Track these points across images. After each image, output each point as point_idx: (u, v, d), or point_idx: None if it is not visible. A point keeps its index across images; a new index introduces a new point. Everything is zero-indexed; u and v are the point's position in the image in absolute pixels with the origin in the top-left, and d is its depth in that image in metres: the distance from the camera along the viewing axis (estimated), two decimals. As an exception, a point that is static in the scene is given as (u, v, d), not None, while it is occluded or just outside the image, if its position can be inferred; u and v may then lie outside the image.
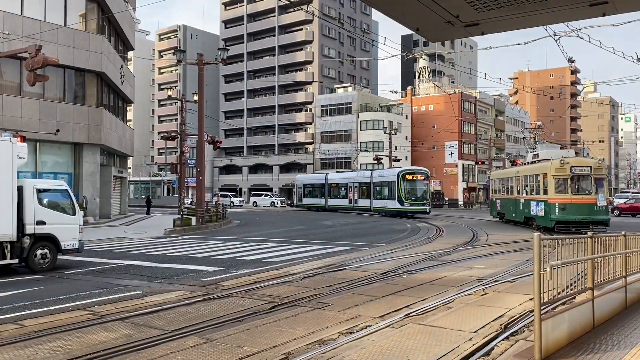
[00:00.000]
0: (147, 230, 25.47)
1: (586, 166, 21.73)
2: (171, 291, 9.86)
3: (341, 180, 46.59)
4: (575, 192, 21.53)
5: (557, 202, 21.56)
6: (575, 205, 21.24)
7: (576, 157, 23.84)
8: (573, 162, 21.91)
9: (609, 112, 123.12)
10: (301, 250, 16.82)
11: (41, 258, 12.48)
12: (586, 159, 23.48)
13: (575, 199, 21.31)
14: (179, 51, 29.77)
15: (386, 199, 39.09)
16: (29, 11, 26.03)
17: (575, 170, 21.52)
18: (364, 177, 43.16)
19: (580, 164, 22.06)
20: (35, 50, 14.23)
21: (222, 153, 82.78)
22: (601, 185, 22.06)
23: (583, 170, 21.54)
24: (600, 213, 21.51)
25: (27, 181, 13.01)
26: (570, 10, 3.20)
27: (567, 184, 21.58)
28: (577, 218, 21.25)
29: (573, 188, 21.56)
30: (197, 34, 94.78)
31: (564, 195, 21.59)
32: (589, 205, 21.26)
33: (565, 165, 21.59)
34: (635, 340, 5.96)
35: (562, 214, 21.41)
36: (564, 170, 21.60)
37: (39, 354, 6.03)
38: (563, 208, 21.32)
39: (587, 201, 21.30)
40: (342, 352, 5.99)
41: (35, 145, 25.86)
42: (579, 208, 21.20)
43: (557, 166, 21.75)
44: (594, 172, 21.55)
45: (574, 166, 21.62)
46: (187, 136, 31.65)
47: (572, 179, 21.57)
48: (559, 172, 21.72)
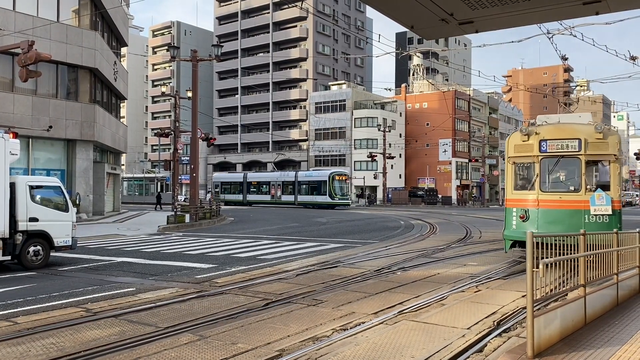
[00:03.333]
0: (141, 227, 25.40)
1: (571, 139, 11.80)
2: (165, 288, 9.84)
3: (262, 178, 55.32)
4: (548, 187, 12.11)
5: (513, 207, 12.35)
6: (548, 212, 11.87)
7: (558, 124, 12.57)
8: (546, 132, 12.02)
9: (602, 110, 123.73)
10: (295, 247, 16.82)
11: (34, 255, 12.42)
12: (571, 126, 12.24)
13: (548, 201, 11.90)
14: (172, 47, 29.64)
15: (316, 195, 48.10)
16: (21, 6, 25.83)
17: (549, 148, 11.90)
18: (288, 177, 52.06)
19: (559, 134, 11.97)
20: (28, 46, 14.12)
21: (216, 150, 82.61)
22: (604, 175, 12.19)
23: (564, 147, 11.81)
24: (597, 228, 11.15)
25: (20, 178, 12.92)
26: (564, 9, 3.22)
27: (532, 174, 12.28)
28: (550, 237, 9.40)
29: (545, 180, 12.13)
30: (191, 31, 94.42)
31: (526, 193, 12.23)
32: (573, 212, 11.65)
33: (532, 137, 12.02)
34: (626, 337, 6.01)
35: (522, 227, 11.85)
36: (528, 149, 12.11)
37: (32, 351, 6.01)
38: (524, 217, 12.03)
39: (571, 204, 11.74)
40: (336, 348, 6.01)
41: (27, 142, 25.72)
42: (554, 218, 11.82)
43: (518, 141, 12.28)
44: (587, 149, 11.61)
45: (548, 139, 11.90)
46: (180, 133, 31.58)
47: (544, 164, 12.04)
48: (520, 152, 12.30)
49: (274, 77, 79.27)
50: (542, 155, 11.99)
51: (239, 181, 56.27)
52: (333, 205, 46.81)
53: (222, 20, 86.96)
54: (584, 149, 11.58)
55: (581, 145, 11.62)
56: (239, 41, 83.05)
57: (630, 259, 8.70)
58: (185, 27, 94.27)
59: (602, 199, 11.43)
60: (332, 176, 47.20)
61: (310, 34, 76.99)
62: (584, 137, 11.61)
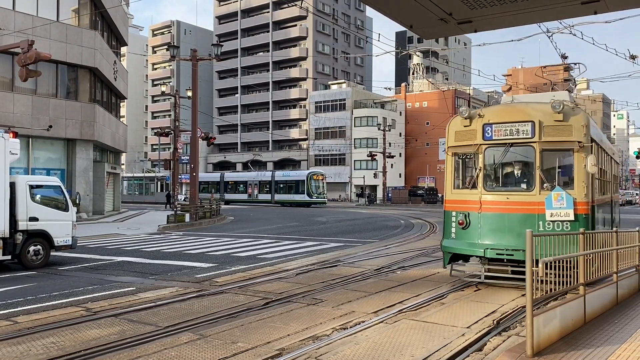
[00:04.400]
0: (141, 226, 25.40)
1: (522, 122, 9.20)
2: (165, 287, 9.85)
3: (239, 178, 57.93)
4: (494, 185, 9.66)
5: (453, 210, 9.89)
6: (492, 218, 9.37)
7: (508, 103, 10.29)
8: (491, 115, 9.57)
9: (602, 109, 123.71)
10: (295, 246, 16.83)
11: (34, 254, 12.43)
12: (523, 106, 9.75)
13: (492, 203, 9.37)
14: (172, 47, 29.64)
15: (294, 194, 49.98)
16: (21, 6, 25.82)
17: (494, 134, 9.41)
18: (264, 177, 54.20)
19: (508, 116, 9.43)
20: (28, 45, 14.12)
21: (215, 149, 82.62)
22: (565, 169, 9.35)
23: (513, 133, 9.27)
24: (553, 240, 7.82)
25: (20, 177, 12.93)
26: (562, 8, 3.23)
27: (474, 168, 9.79)
28: (493, 250, 9.20)
29: (489, 176, 9.72)
30: (190, 30, 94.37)
31: (468, 193, 9.69)
32: (524, 218, 9.08)
33: (475, 121, 9.60)
34: (625, 336, 6.02)
35: (462, 237, 9.63)
36: (469, 136, 9.66)
37: (32, 350, 6.02)
38: (463, 224, 9.54)
39: (522, 207, 9.19)
40: (336, 347, 6.02)
41: (27, 141, 25.71)
42: (498, 225, 9.30)
43: (459, 127, 9.86)
44: (543, 134, 9.04)
45: (494, 123, 9.42)
46: (180, 132, 31.58)
47: (488, 155, 9.60)
48: (461, 141, 9.85)
49: (274, 77, 79.24)
50: (486, 143, 9.38)
51: (216, 181, 58.13)
52: (310, 203, 48.70)
53: (221, 20, 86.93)
54: (539, 134, 8.92)
55: (535, 130, 8.94)
56: (238, 40, 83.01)
57: (629, 258, 8.72)
58: (185, 26, 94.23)
59: (562, 200, 8.60)
60: (310, 176, 49.45)
61: (310, 33, 76.97)
62: (538, 119, 8.93)
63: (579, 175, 8.95)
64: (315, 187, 49.35)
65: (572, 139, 8.92)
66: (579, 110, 9.13)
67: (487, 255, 9.17)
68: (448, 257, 10.02)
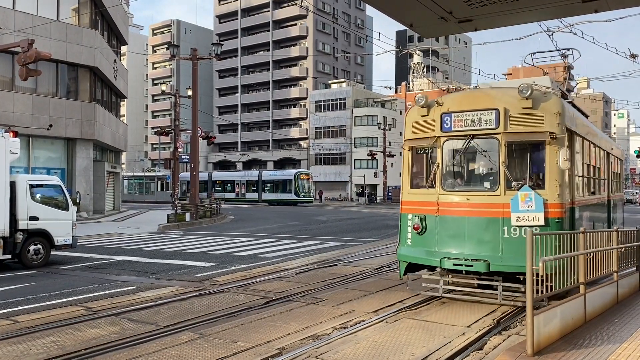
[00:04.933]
0: (141, 225, 25.40)
1: (485, 110, 7.99)
2: (165, 287, 9.85)
3: (227, 178, 59.25)
4: (453, 184, 8.58)
5: (409, 213, 8.71)
6: (450, 222, 8.17)
7: (470, 90, 10.17)
8: (451, 102, 8.45)
9: (602, 108, 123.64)
10: (295, 245, 16.83)
11: (34, 254, 12.44)
12: (487, 92, 8.52)
13: (451, 205, 8.20)
14: (172, 46, 29.61)
15: (281, 192, 51.31)
16: (21, 5, 25.81)
17: (454, 124, 8.24)
18: (251, 176, 55.66)
19: (469, 104, 8.24)
20: (28, 44, 14.11)
21: (216, 149, 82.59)
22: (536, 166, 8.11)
23: (474, 123, 8.07)
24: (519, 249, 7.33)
25: (20, 176, 12.93)
26: (563, 7, 3.22)
27: (432, 163, 8.61)
28: (450, 260, 7.90)
29: (449, 173, 8.61)
30: (190, 29, 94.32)
31: (425, 193, 8.58)
32: (487, 223, 7.88)
33: (433, 110, 8.50)
34: (626, 335, 6.02)
35: (418, 244, 8.50)
36: (427, 127, 8.54)
37: (33, 349, 6.02)
38: (419, 229, 8.39)
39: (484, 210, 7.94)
40: (336, 346, 6.02)
41: (27, 141, 25.71)
42: (457, 230, 8.08)
43: (416, 117, 8.76)
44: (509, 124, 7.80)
45: (453, 112, 8.27)
46: (181, 131, 31.52)
47: (447, 149, 8.47)
48: (418, 133, 8.72)
49: (274, 76, 79.19)
50: (445, 135, 8.21)
51: (204, 180, 58.44)
52: (297, 202, 50.14)
53: (222, 19, 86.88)
54: (504, 124, 7.69)
55: (499, 119, 7.71)
56: (239, 39, 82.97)
57: (630, 257, 8.71)
58: (185, 25, 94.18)
59: (530, 201, 7.39)
60: (298, 175, 51.06)
61: (310, 32, 76.92)
62: (503, 107, 7.69)
63: (551, 172, 7.62)
64: (302, 187, 50.82)
65: (543, 129, 7.58)
66: (551, 96, 7.79)
67: (444, 266, 7.89)
68: (404, 266, 8.69)
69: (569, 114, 8.05)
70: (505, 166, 7.80)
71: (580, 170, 8.84)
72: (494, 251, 7.64)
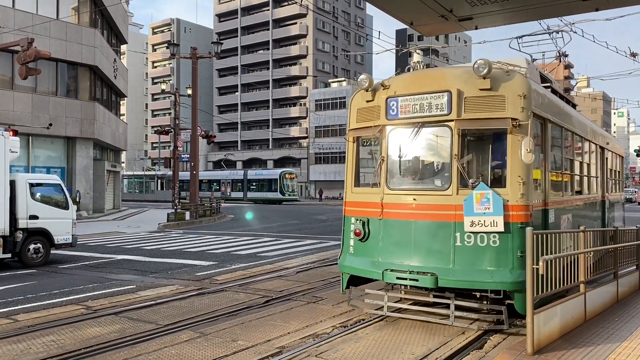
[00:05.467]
0: (141, 224, 25.40)
1: (435, 93, 6.67)
2: (165, 285, 9.85)
3: (212, 177, 59.36)
4: (400, 181, 7.16)
5: (352, 216, 7.38)
6: (394, 227, 6.87)
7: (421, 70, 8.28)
8: (398, 85, 7.11)
9: (602, 107, 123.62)
10: (295, 244, 16.83)
11: (34, 253, 12.44)
12: (438, 71, 7.51)
13: (396, 206, 6.89)
14: (172, 45, 29.61)
15: (267, 191, 52.25)
16: (20, 4, 25.79)
17: (401, 111, 6.93)
18: (237, 175, 56.55)
19: (418, 86, 6.91)
20: (27, 43, 14.09)
21: (216, 147, 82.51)
22: (498, 159, 6.69)
23: (423, 108, 6.75)
24: (474, 260, 6.32)
25: (20, 175, 12.93)
26: (564, 5, 3.22)
27: (375, 157, 7.59)
28: (393, 273, 6.67)
29: (394, 169, 7.18)
30: (190, 28, 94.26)
31: (369, 192, 7.31)
32: (436, 228, 6.58)
33: (378, 94, 7.24)
34: (626, 334, 6.02)
35: (360, 253, 7.24)
36: (372, 114, 7.32)
37: (32, 348, 6.01)
38: (360, 234, 7.13)
39: (433, 213, 6.63)
40: (336, 345, 6.01)
41: (27, 140, 25.70)
42: (403, 236, 6.76)
43: (361, 103, 7.58)
44: (464, 109, 6.51)
45: (400, 96, 6.94)
46: (180, 130, 31.51)
47: (394, 140, 7.09)
48: (363, 121, 7.51)
49: (274, 75, 79.14)
50: (390, 123, 6.97)
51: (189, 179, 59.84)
52: (282, 200, 51.09)
53: (221, 18, 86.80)
54: (457, 109, 6.45)
55: (452, 103, 6.47)
56: (238, 38, 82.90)
57: (630, 256, 8.71)
58: (185, 24, 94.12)
59: (487, 202, 6.16)
60: (283, 175, 51.93)
61: (310, 31, 76.86)
62: (456, 89, 6.46)
63: (514, 167, 6.29)
64: (287, 186, 51.69)
65: (504, 114, 6.33)
66: (514, 74, 6.49)
67: (386, 280, 6.72)
68: (345, 279, 7.39)
69: (539, 97, 6.83)
70: (459, 160, 6.48)
71: (559, 166, 7.79)
72: (444, 262, 6.35)
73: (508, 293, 6.18)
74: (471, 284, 6.25)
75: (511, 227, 6.19)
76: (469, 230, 6.27)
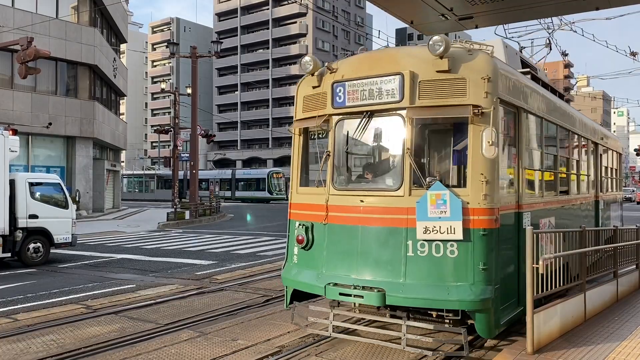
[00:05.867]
0: (141, 224, 25.40)
1: (386, 76, 5.64)
2: (165, 285, 9.85)
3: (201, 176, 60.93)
4: (347, 180, 6.36)
5: (297, 219, 6.39)
6: (339, 233, 5.89)
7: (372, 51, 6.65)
8: (346, 68, 6.06)
9: (602, 106, 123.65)
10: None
11: (34, 252, 12.43)
12: (390, 52, 6.19)
13: (342, 209, 5.92)
14: (172, 44, 29.60)
15: (255, 190, 52.90)
16: (20, 3, 25.78)
17: (348, 97, 5.91)
18: (225, 175, 56.85)
19: (367, 69, 5.85)
20: (27, 42, 14.08)
21: (215, 147, 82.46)
22: (459, 154, 5.80)
23: (373, 94, 5.73)
24: (431, 273, 5.35)
25: (20, 175, 12.93)
26: (564, 4, 3.21)
27: (322, 151, 6.51)
28: (335, 288, 5.63)
29: (341, 165, 6.37)
30: (190, 27, 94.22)
31: (314, 192, 6.30)
32: (386, 234, 5.61)
33: (326, 78, 6.18)
34: (626, 333, 6.02)
35: (304, 263, 6.23)
36: (319, 102, 6.27)
37: (32, 347, 6.01)
38: (303, 241, 6.14)
39: (382, 217, 5.65)
40: (337, 344, 6.01)
41: (27, 139, 25.67)
42: (348, 245, 5.78)
43: (308, 90, 6.47)
44: (419, 95, 5.51)
45: (347, 81, 5.92)
46: (180, 130, 31.51)
47: (340, 131, 6.22)
48: (309, 111, 6.47)
49: (274, 74, 79.13)
50: (337, 112, 6.02)
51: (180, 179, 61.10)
52: (270, 200, 51.79)
53: (221, 17, 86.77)
54: (410, 95, 5.50)
55: (404, 88, 5.51)
56: (238, 37, 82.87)
57: (630, 255, 8.71)
58: (184, 23, 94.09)
59: (443, 205, 5.28)
60: (271, 174, 52.87)
61: (310, 30, 76.85)
62: (409, 71, 5.50)
63: (476, 163, 5.34)
64: (275, 185, 52.44)
65: (465, 100, 5.35)
66: (478, 53, 5.57)
67: (328, 296, 5.72)
68: (289, 293, 6.34)
69: (510, 82, 5.86)
70: (412, 155, 5.50)
71: (537, 162, 6.81)
72: (394, 276, 5.38)
73: (468, 313, 5.25)
74: (424, 302, 5.30)
75: (472, 235, 5.24)
76: (423, 238, 5.32)
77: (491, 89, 5.37)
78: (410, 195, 5.46)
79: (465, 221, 5.22)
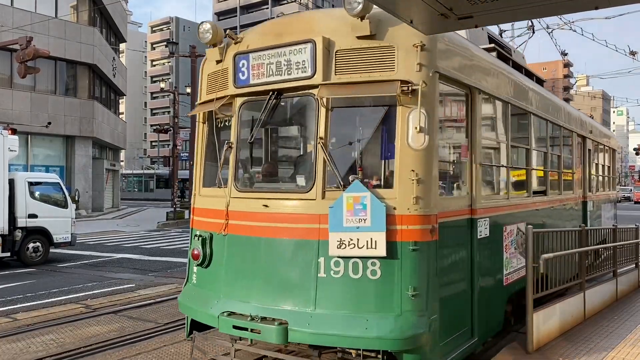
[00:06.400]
0: (140, 223, 25.39)
1: (294, 45, 4.31)
2: (164, 284, 9.84)
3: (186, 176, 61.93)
4: (250, 180, 5.02)
5: (197, 228, 5.01)
6: (240, 245, 4.55)
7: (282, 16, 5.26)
8: (252, 37, 4.73)
9: (602, 105, 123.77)
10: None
11: (33, 251, 12.43)
12: (301, 16, 5.06)
13: (242, 216, 4.56)
14: (171, 43, 29.63)
15: None
16: (19, 2, 25.77)
17: (253, 73, 4.56)
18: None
19: (275, 38, 4.49)
20: (26, 42, 14.06)
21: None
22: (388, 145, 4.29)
23: (280, 69, 4.40)
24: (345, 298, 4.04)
25: (19, 174, 12.93)
26: (564, 3, 3.20)
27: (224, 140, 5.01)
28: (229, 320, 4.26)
29: (245, 161, 5.02)
30: (189, 26, 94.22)
31: (215, 194, 4.90)
32: (294, 248, 4.29)
33: (229, 50, 4.81)
34: (625, 332, 6.02)
35: (202, 284, 4.88)
36: (221, 81, 4.91)
37: (32, 347, 6.01)
38: (198, 257, 4.78)
39: (288, 228, 4.31)
40: (336, 344, 5.99)
41: (26, 138, 25.66)
42: (248, 264, 4.46)
43: (212, 65, 5.12)
44: (335, 70, 4.22)
45: (251, 52, 4.57)
46: (180, 129, 31.52)
47: (244, 118, 4.85)
48: (213, 92, 5.04)
49: (273, 73, 79.18)
50: (240, 92, 4.77)
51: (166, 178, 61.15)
52: None
53: (221, 16, 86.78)
54: (325, 68, 4.28)
55: (316, 60, 4.28)
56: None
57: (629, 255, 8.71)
58: (184, 22, 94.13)
59: (362, 210, 4.03)
60: None
61: (310, 29, 76.92)
62: (322, 37, 4.27)
63: (404, 155, 4.14)
64: None
65: (392, 75, 4.14)
66: None
67: (221, 329, 4.44)
68: (188, 320, 5.01)
69: (457, 54, 4.64)
70: (326, 146, 4.27)
71: (501, 157, 5.76)
72: (302, 303, 4.13)
73: (393, 354, 3.96)
74: (336, 339, 4.00)
75: (399, 250, 4.00)
76: (337, 255, 4.04)
77: (426, 60, 4.11)
78: (324, 198, 4.19)
79: (390, 232, 3.96)
